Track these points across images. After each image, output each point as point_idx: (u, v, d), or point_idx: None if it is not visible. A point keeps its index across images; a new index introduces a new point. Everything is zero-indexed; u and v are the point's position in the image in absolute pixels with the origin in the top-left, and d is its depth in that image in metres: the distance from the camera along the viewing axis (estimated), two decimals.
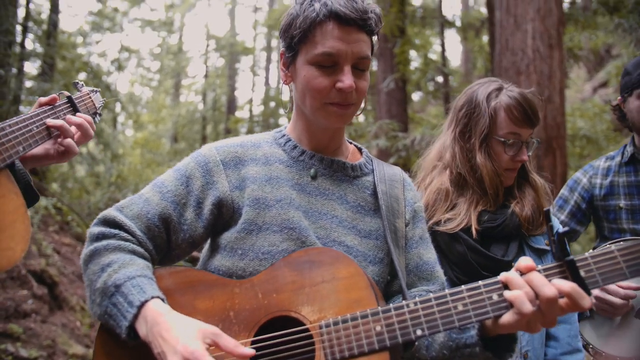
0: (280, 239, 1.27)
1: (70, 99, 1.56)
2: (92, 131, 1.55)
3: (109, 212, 1.30)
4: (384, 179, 1.43)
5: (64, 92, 1.57)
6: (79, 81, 1.68)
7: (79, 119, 1.51)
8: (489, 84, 1.83)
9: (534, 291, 1.02)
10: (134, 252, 1.24)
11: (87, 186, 12.15)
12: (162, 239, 1.31)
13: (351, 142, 1.53)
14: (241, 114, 23.08)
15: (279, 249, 1.26)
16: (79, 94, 1.64)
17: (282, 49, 1.37)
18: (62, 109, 1.52)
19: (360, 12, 1.24)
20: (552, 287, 1.01)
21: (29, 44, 10.08)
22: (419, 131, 8.95)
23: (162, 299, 1.14)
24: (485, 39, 11.96)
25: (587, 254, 1.03)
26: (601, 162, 2.38)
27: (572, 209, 2.38)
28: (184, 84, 25.24)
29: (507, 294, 1.04)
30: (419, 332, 1.05)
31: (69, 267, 7.09)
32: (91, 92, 1.68)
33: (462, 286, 1.07)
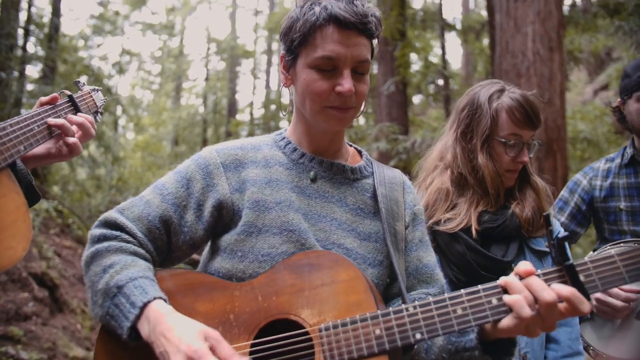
0: (279, 241, 1.27)
1: (71, 98, 1.56)
2: (94, 130, 1.55)
3: (110, 214, 1.31)
4: (383, 181, 1.43)
5: (65, 91, 1.56)
6: (80, 80, 1.68)
7: (80, 119, 1.50)
8: (491, 85, 1.84)
9: (533, 295, 1.02)
10: (135, 254, 1.24)
11: (88, 189, 12.18)
12: (162, 241, 1.31)
13: (351, 145, 1.53)
14: (242, 117, 23.14)
15: (279, 251, 1.26)
16: (80, 93, 1.63)
17: (282, 52, 1.37)
18: (63, 108, 1.51)
19: (360, 15, 1.24)
20: (551, 291, 1.01)
21: (31, 47, 10.12)
22: (419, 134, 8.95)
23: (164, 300, 1.14)
24: (485, 41, 11.96)
25: (586, 258, 1.03)
26: (601, 164, 2.37)
27: (572, 211, 2.37)
28: (185, 87, 25.32)
29: (506, 298, 1.04)
30: (418, 335, 1.05)
31: (70, 269, 7.10)
32: (92, 91, 1.67)
33: (462, 290, 1.07)
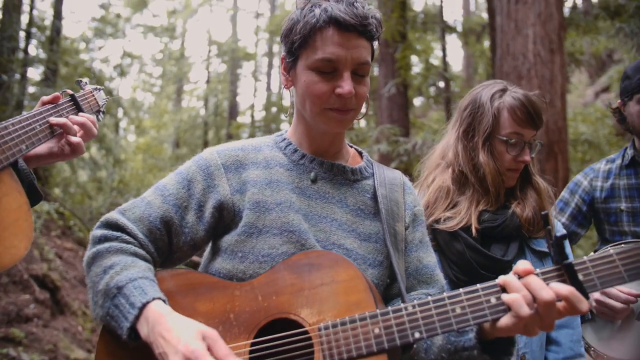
0: (280, 241, 1.27)
1: (73, 97, 1.55)
2: (95, 129, 1.54)
3: (112, 215, 1.31)
4: (384, 182, 1.44)
5: (67, 90, 1.56)
6: (82, 79, 1.68)
7: (81, 119, 1.50)
8: (493, 85, 1.84)
9: (532, 294, 1.02)
10: (135, 255, 1.25)
11: (89, 191, 12.20)
12: (163, 242, 1.32)
13: (352, 146, 1.53)
14: (243, 119, 23.15)
15: (279, 251, 1.26)
16: (82, 92, 1.63)
17: (283, 54, 1.38)
18: (65, 107, 1.51)
19: (360, 17, 1.24)
20: (549, 290, 1.01)
21: (32, 50, 10.16)
22: (420, 136, 8.94)
23: (163, 300, 1.14)
24: (486, 44, 11.97)
25: (585, 257, 1.03)
26: (602, 165, 2.37)
27: (573, 212, 2.37)
28: (186, 89, 25.34)
29: (504, 297, 1.04)
30: (417, 334, 1.05)
31: (71, 271, 7.10)
32: (94, 90, 1.67)
33: (460, 289, 1.07)
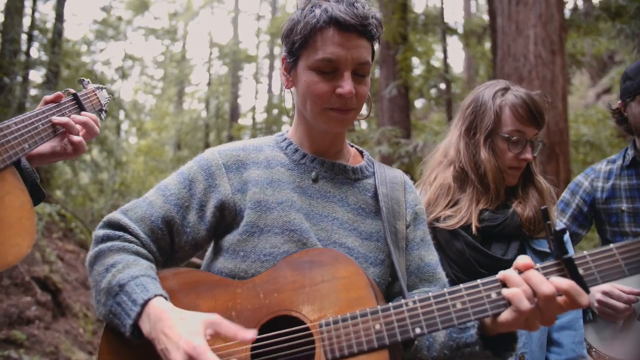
0: (281, 240, 1.27)
1: (75, 96, 1.55)
2: (98, 128, 1.54)
3: (114, 215, 1.32)
4: (385, 181, 1.44)
5: (70, 90, 1.56)
6: (84, 78, 1.68)
7: (83, 117, 1.50)
8: (496, 84, 1.86)
9: (532, 289, 1.02)
10: (137, 254, 1.26)
11: (90, 193, 12.22)
12: (165, 242, 1.32)
13: (352, 146, 1.54)
14: (244, 121, 23.17)
15: (280, 250, 1.26)
16: (85, 91, 1.63)
17: (283, 54, 1.38)
18: (68, 106, 1.51)
19: (360, 18, 1.25)
20: (549, 284, 1.01)
21: (34, 53, 10.20)
22: (421, 138, 8.93)
23: (165, 297, 1.15)
24: (487, 45, 11.98)
25: (585, 252, 1.03)
26: (602, 166, 2.37)
27: (574, 213, 2.37)
28: (187, 91, 25.36)
29: (505, 291, 1.04)
30: (418, 330, 1.06)
31: (73, 273, 7.11)
32: (97, 89, 1.67)
33: (461, 285, 1.07)
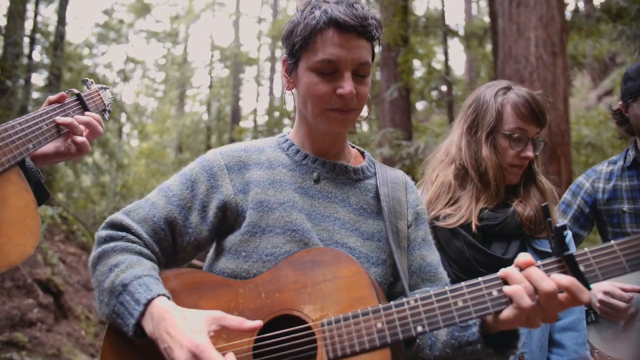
0: (283, 240, 1.28)
1: (79, 96, 1.56)
2: (101, 128, 1.55)
3: (116, 216, 1.32)
4: (386, 181, 1.45)
5: (73, 90, 1.57)
6: (88, 79, 1.68)
7: (86, 118, 1.51)
8: (497, 84, 1.87)
9: (533, 286, 1.03)
10: (140, 254, 1.26)
11: (92, 196, 12.25)
12: (167, 242, 1.33)
13: (354, 146, 1.55)
14: (245, 124, 23.20)
15: (282, 250, 1.27)
16: (88, 91, 1.64)
17: (284, 56, 1.39)
18: (71, 106, 1.52)
19: (360, 18, 1.26)
20: (550, 281, 1.01)
21: (36, 56, 10.22)
22: (422, 140, 8.94)
23: (167, 297, 1.15)
24: (488, 47, 11.98)
25: (586, 249, 1.03)
26: (603, 167, 2.37)
27: (575, 214, 2.37)
28: (189, 94, 25.39)
29: (506, 288, 1.04)
30: (420, 328, 1.06)
31: (74, 276, 7.12)
32: (100, 89, 1.68)
33: (462, 283, 1.08)
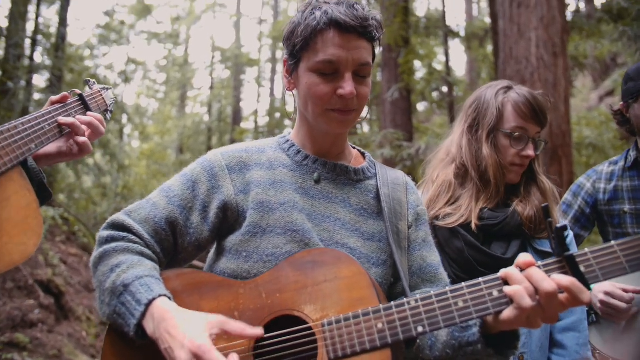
0: (284, 241, 1.28)
1: (81, 96, 1.57)
2: (103, 128, 1.56)
3: (118, 217, 1.33)
4: (386, 182, 1.45)
5: (76, 90, 1.57)
6: (90, 79, 1.69)
7: (88, 118, 1.52)
8: (498, 83, 1.88)
9: (534, 286, 1.03)
10: (142, 254, 1.26)
11: (93, 197, 12.26)
12: (169, 242, 1.33)
13: (354, 147, 1.55)
14: (246, 125, 23.20)
15: (283, 251, 1.27)
16: (90, 91, 1.64)
17: (285, 57, 1.39)
18: (74, 106, 1.53)
19: (360, 19, 1.26)
20: (551, 281, 1.01)
21: (38, 57, 10.25)
22: (423, 141, 8.93)
23: (169, 297, 1.15)
24: (489, 48, 11.98)
25: (586, 249, 1.03)
26: (604, 167, 2.37)
27: (576, 214, 2.37)
28: (190, 95, 25.43)
29: (506, 289, 1.05)
30: (420, 329, 1.06)
31: (76, 277, 7.13)
32: (102, 89, 1.68)
33: (463, 283, 1.08)
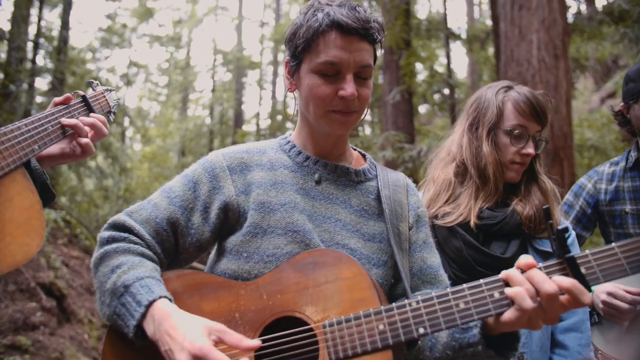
0: (284, 241, 1.28)
1: (84, 98, 1.57)
2: (106, 129, 1.56)
3: (119, 217, 1.33)
4: (387, 184, 1.45)
5: (79, 92, 1.58)
6: (93, 80, 1.70)
7: (91, 119, 1.52)
8: (499, 83, 1.88)
9: (535, 287, 1.03)
10: (143, 255, 1.26)
11: (95, 199, 12.28)
12: (170, 243, 1.33)
13: (355, 149, 1.55)
14: (248, 127, 23.22)
15: (284, 251, 1.27)
16: (93, 93, 1.65)
17: (287, 58, 1.40)
18: (77, 108, 1.53)
19: (362, 21, 1.26)
20: (552, 283, 1.01)
21: (40, 60, 10.29)
22: (425, 143, 8.92)
23: (169, 299, 1.15)
24: (490, 50, 11.99)
25: (587, 251, 1.03)
26: (605, 168, 2.37)
27: (578, 215, 2.37)
28: (192, 98, 25.48)
29: (508, 290, 1.05)
30: (422, 330, 1.06)
31: (78, 279, 7.13)
32: (105, 91, 1.69)
33: (464, 284, 1.08)
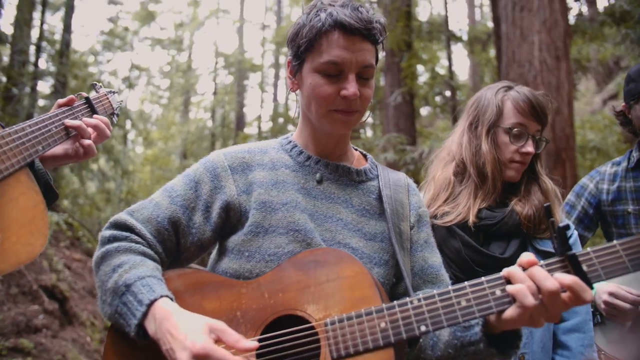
0: (286, 241, 1.28)
1: (88, 100, 1.59)
2: (109, 131, 1.58)
3: (120, 216, 1.33)
4: (388, 184, 1.45)
5: (82, 93, 1.60)
6: (96, 82, 1.72)
7: (94, 121, 1.54)
8: (499, 84, 1.89)
9: (536, 285, 1.03)
10: (144, 254, 1.27)
11: (97, 202, 12.30)
12: (171, 242, 1.33)
13: (356, 149, 1.55)
14: (250, 130, 23.22)
15: (285, 250, 1.27)
16: (97, 95, 1.67)
17: (289, 58, 1.40)
18: (80, 109, 1.55)
19: (364, 22, 1.27)
20: (553, 280, 1.02)
21: (42, 63, 10.33)
22: (427, 145, 8.92)
23: (170, 298, 1.15)
24: (492, 52, 11.99)
25: (589, 248, 1.03)
26: (607, 168, 2.37)
27: (580, 215, 2.37)
28: (193, 101, 25.51)
29: (509, 288, 1.05)
30: (423, 328, 1.06)
31: (80, 282, 7.14)
32: (109, 93, 1.71)
33: (465, 282, 1.08)
